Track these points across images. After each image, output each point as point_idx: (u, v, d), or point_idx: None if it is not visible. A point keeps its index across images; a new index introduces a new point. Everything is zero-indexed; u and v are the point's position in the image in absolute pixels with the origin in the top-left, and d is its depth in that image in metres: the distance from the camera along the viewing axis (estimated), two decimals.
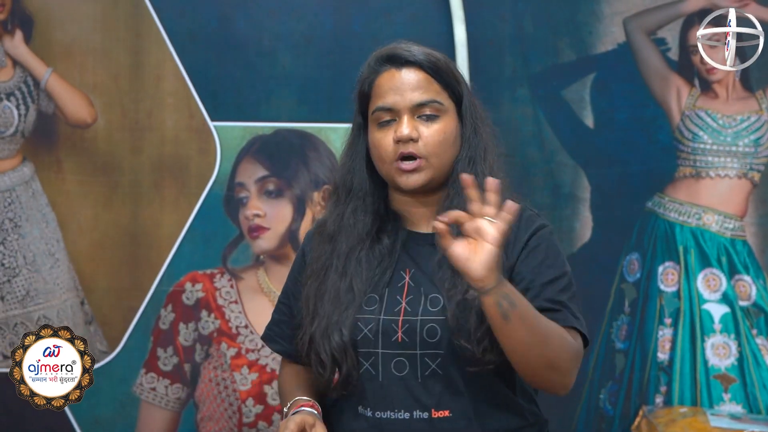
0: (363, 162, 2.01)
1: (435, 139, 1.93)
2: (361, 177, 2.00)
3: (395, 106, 1.94)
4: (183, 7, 3.27)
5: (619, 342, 3.32)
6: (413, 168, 1.93)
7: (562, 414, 3.28)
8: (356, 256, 1.96)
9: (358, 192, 2.00)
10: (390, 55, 1.98)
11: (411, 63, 1.96)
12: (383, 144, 1.94)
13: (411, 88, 1.94)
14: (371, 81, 1.99)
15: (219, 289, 3.30)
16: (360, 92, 2.01)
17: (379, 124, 1.96)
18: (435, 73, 1.96)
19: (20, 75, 3.28)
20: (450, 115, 1.96)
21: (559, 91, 3.30)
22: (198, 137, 3.28)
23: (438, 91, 1.96)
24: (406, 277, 1.96)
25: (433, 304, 1.91)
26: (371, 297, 1.95)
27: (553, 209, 3.22)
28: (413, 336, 1.91)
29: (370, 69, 2.00)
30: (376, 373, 1.92)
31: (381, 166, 1.97)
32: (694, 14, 3.27)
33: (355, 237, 1.98)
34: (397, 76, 1.95)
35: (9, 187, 3.28)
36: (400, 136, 1.92)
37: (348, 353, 1.91)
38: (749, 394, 3.28)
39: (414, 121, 1.94)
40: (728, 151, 3.29)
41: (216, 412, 3.30)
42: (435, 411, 1.91)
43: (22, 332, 3.27)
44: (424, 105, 1.94)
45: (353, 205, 2.00)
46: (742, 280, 3.30)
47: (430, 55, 1.97)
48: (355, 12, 3.29)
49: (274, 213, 3.28)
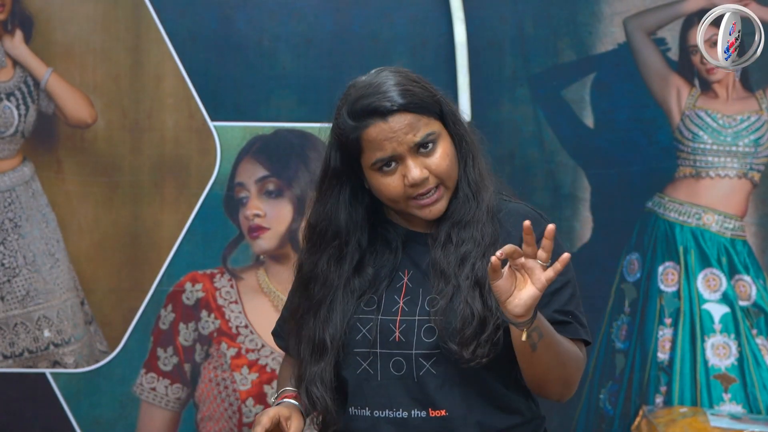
0: (343, 209, 1.98)
1: (442, 167, 1.93)
2: (337, 226, 1.98)
3: (395, 152, 1.91)
4: (183, 7, 3.27)
5: (619, 342, 3.32)
6: (434, 200, 1.93)
7: (562, 414, 3.28)
8: (328, 306, 1.97)
9: (332, 241, 1.99)
10: (369, 109, 1.92)
11: (395, 111, 1.92)
12: (393, 187, 1.93)
13: (404, 133, 1.91)
14: (357, 137, 1.93)
15: (219, 289, 3.30)
16: (344, 144, 1.95)
17: (380, 170, 1.94)
18: (418, 108, 1.93)
19: (20, 75, 3.28)
20: (443, 136, 1.96)
21: (559, 91, 3.30)
22: (198, 137, 3.28)
23: (427, 122, 1.93)
24: (405, 278, 1.96)
25: (431, 304, 1.92)
26: (370, 298, 1.95)
27: (553, 209, 3.22)
28: (410, 336, 1.91)
29: (350, 126, 1.93)
30: (374, 373, 1.93)
31: (394, 205, 1.96)
32: (694, 14, 3.27)
33: (329, 286, 1.98)
34: (386, 128, 1.91)
35: (9, 187, 3.28)
36: (414, 181, 1.91)
37: (327, 406, 1.94)
38: (749, 394, 3.28)
39: (417, 159, 1.93)
40: (728, 151, 3.29)
41: (216, 412, 3.30)
42: (432, 410, 1.91)
43: (22, 332, 3.27)
44: (420, 143, 1.93)
45: (328, 254, 1.99)
46: (742, 280, 3.30)
47: (406, 91, 1.93)
48: (355, 12, 3.29)
49: (274, 213, 3.28)
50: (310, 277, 2.00)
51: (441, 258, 1.93)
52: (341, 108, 1.95)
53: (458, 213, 1.95)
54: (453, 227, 1.95)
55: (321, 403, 1.94)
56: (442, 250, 1.93)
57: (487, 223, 1.95)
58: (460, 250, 1.92)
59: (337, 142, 1.96)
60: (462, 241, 1.93)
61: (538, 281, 1.76)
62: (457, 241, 1.93)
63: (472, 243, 1.93)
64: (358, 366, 1.94)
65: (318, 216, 2.00)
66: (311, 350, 1.96)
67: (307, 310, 1.99)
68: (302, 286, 2.01)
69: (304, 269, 2.02)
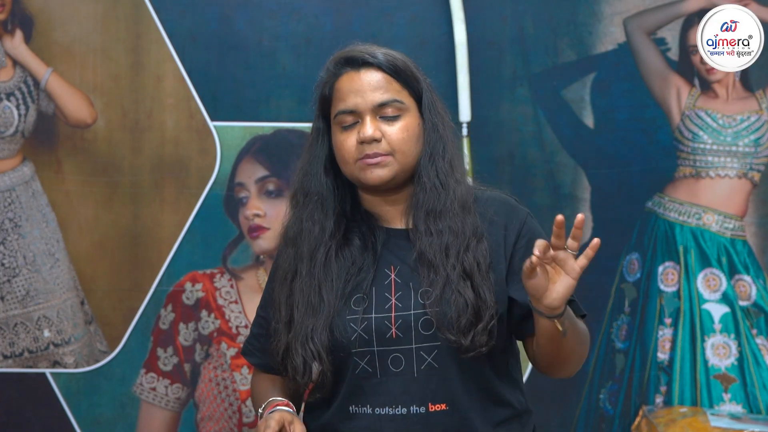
0: (321, 165, 2.01)
1: (398, 137, 1.95)
2: (318, 180, 2.01)
3: (357, 108, 1.95)
4: (183, 7, 3.27)
5: (619, 342, 3.32)
6: (377, 162, 1.94)
7: (562, 414, 3.28)
8: (321, 261, 1.97)
9: (314, 196, 2.01)
10: (348, 57, 1.99)
11: (369, 64, 1.97)
12: (346, 145, 1.96)
13: (371, 89, 1.95)
14: (331, 85, 1.99)
15: (219, 289, 3.30)
16: (321, 96, 2.01)
17: (342, 127, 1.97)
18: (394, 72, 1.97)
19: (20, 75, 3.28)
20: (411, 113, 1.98)
21: (559, 91, 3.30)
22: (198, 137, 3.28)
23: (398, 90, 1.97)
24: (392, 274, 1.97)
25: (424, 297, 1.92)
26: (358, 297, 1.95)
27: (553, 209, 3.22)
28: (407, 331, 1.92)
29: (329, 73, 2.00)
30: (373, 371, 1.93)
31: (345, 167, 1.98)
32: (694, 14, 3.27)
33: (315, 240, 1.99)
34: (356, 78, 1.96)
35: (9, 187, 3.28)
36: (364, 137, 1.93)
37: (323, 359, 1.92)
38: (749, 394, 3.28)
39: (376, 122, 1.95)
40: (728, 151, 3.29)
41: (216, 412, 3.30)
42: (432, 405, 1.92)
43: (22, 332, 3.27)
44: (385, 105, 1.95)
45: (310, 208, 2.01)
46: (742, 280, 3.30)
47: (388, 55, 1.98)
48: (355, 13, 3.29)
49: (274, 213, 3.29)
50: (295, 234, 2.01)
51: (426, 249, 1.94)
52: (325, 65, 2.02)
53: (427, 202, 1.97)
54: (427, 217, 1.96)
55: (316, 357, 1.92)
56: (426, 240, 1.94)
57: (462, 214, 1.96)
58: (441, 240, 1.94)
59: (318, 97, 2.01)
60: (440, 232, 1.94)
61: (573, 270, 1.79)
62: (435, 231, 1.95)
63: (450, 234, 1.94)
64: (357, 365, 1.94)
65: (301, 174, 2.03)
66: (305, 308, 1.95)
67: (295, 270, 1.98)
68: (289, 245, 2.01)
69: (288, 230, 2.03)
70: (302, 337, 1.94)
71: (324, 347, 1.92)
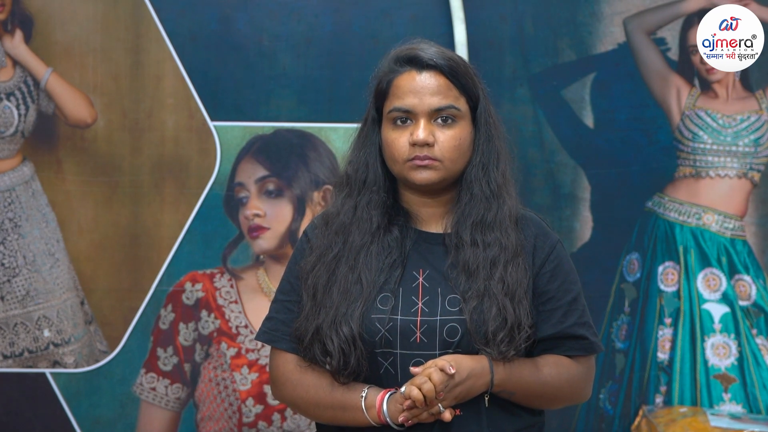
0: (377, 157, 2.00)
1: (450, 144, 1.94)
2: (376, 171, 2.00)
3: (413, 108, 1.94)
4: (183, 7, 3.27)
5: (619, 342, 3.32)
6: (426, 164, 1.93)
7: (562, 414, 3.28)
8: (367, 250, 1.96)
9: (372, 185, 2.00)
10: (411, 56, 1.97)
11: (431, 66, 1.96)
12: (398, 144, 1.95)
13: (430, 93, 1.95)
14: (390, 80, 1.98)
15: (219, 289, 3.30)
16: (377, 88, 2.00)
17: (394, 122, 1.96)
18: (454, 77, 1.96)
19: (20, 75, 3.28)
20: (465, 121, 1.97)
21: (559, 91, 3.30)
22: (198, 137, 3.28)
23: (456, 96, 1.96)
24: (420, 277, 1.96)
25: (452, 304, 1.92)
26: (385, 296, 1.94)
27: (553, 209, 3.23)
28: (432, 337, 1.91)
29: (389, 67, 1.99)
30: (395, 373, 1.93)
31: (393, 165, 1.97)
32: (694, 14, 3.27)
33: (369, 230, 1.98)
34: (417, 79, 1.95)
35: (9, 187, 3.28)
36: (417, 140, 1.93)
37: (356, 345, 1.91)
38: (749, 394, 3.28)
39: (430, 126, 1.94)
40: (728, 150, 3.29)
41: (216, 412, 3.30)
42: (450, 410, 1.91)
43: (22, 332, 3.27)
44: (441, 110, 1.94)
45: (367, 198, 1.99)
46: (742, 280, 3.30)
47: (451, 60, 1.97)
48: (355, 12, 3.29)
49: (274, 213, 3.29)
50: (348, 222, 1.99)
51: (470, 259, 1.92)
52: (387, 56, 2.00)
53: (477, 212, 1.96)
54: (476, 228, 1.95)
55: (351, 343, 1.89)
56: (470, 251, 1.93)
57: (513, 229, 1.96)
58: (488, 253, 1.93)
59: (374, 89, 2.00)
60: (488, 244, 1.93)
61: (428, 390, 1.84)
62: (482, 243, 1.94)
63: (498, 247, 1.93)
64: (381, 366, 1.93)
65: (357, 163, 2.01)
66: (344, 292, 1.93)
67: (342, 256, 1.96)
68: (338, 232, 1.99)
69: (341, 217, 2.00)
70: (336, 319, 1.92)
71: (358, 334, 1.91)
